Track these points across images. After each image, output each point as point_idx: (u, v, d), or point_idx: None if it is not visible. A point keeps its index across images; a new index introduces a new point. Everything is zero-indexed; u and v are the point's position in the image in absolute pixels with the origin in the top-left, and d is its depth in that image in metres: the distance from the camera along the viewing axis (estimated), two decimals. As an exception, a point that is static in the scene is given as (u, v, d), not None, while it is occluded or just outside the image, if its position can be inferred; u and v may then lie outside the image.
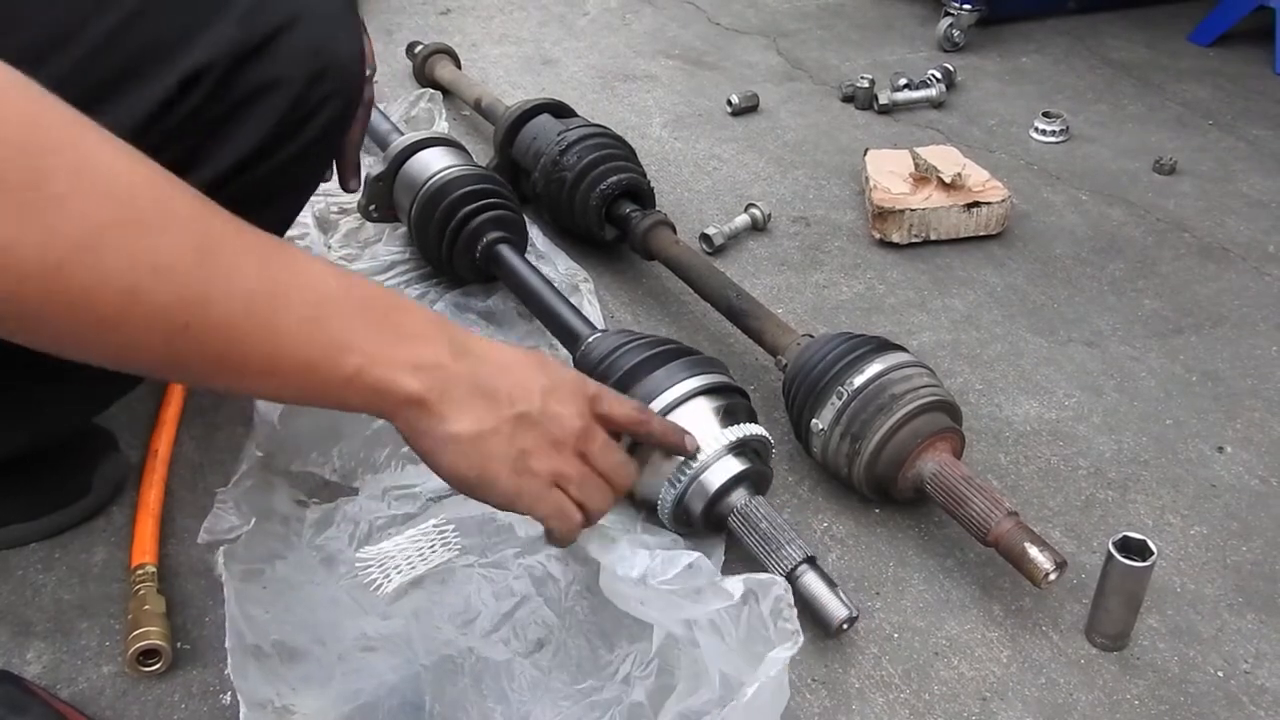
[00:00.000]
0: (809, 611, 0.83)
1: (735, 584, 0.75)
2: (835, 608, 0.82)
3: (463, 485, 0.71)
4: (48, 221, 0.50)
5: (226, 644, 0.76)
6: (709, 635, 0.75)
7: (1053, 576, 0.83)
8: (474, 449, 0.69)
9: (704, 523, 0.88)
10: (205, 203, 0.58)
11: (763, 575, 0.75)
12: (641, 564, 0.78)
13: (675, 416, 0.88)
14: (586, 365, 0.96)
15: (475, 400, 0.70)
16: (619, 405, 0.80)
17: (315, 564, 0.89)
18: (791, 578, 0.83)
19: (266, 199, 0.80)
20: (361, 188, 1.27)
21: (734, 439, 0.88)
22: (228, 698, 0.80)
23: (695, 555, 0.78)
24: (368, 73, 0.95)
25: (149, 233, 0.55)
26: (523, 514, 0.74)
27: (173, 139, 0.72)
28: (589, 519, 0.77)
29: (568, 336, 1.05)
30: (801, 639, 0.71)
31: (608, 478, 0.77)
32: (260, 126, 0.76)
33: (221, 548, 0.84)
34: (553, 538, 0.77)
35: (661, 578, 0.77)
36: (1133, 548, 0.82)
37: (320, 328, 0.63)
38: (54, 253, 0.51)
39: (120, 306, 0.54)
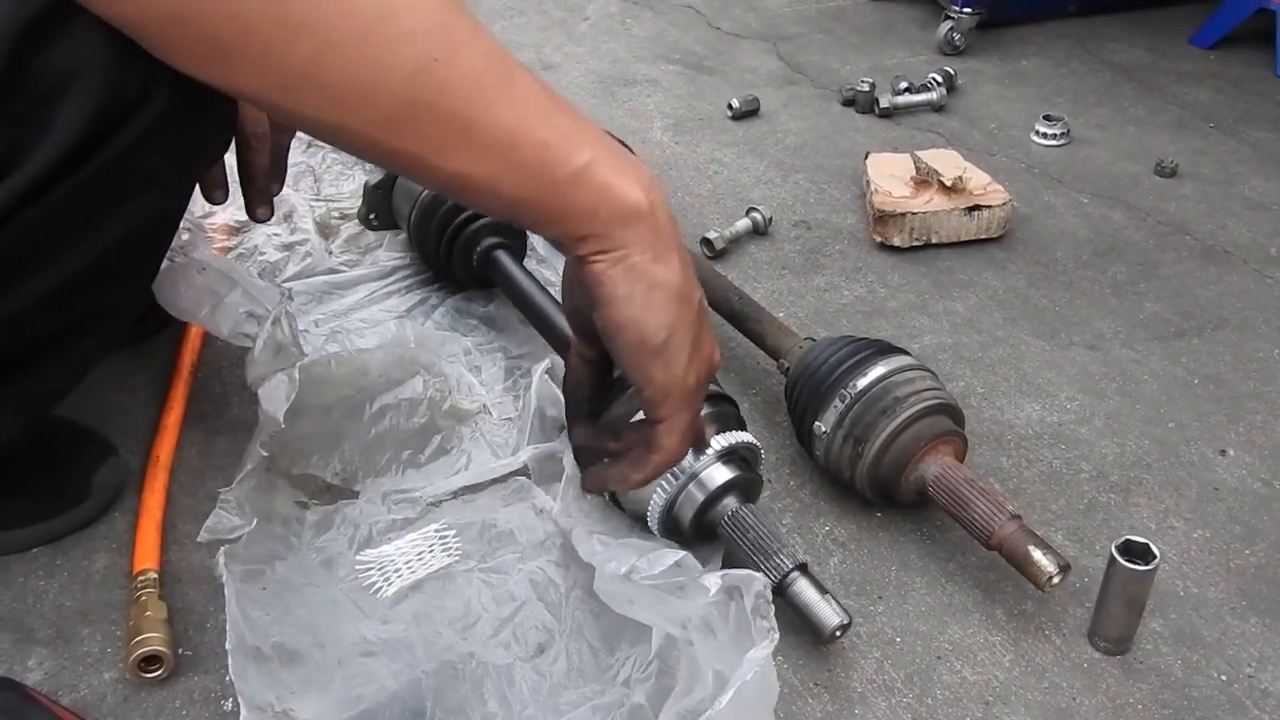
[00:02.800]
0: (802, 619, 0.82)
1: (713, 579, 0.74)
2: (827, 615, 0.82)
3: (644, 340, 0.64)
4: None
5: (227, 645, 0.76)
6: (702, 634, 0.75)
7: (1056, 580, 0.83)
8: (674, 307, 0.64)
9: (694, 531, 0.88)
10: None
11: (742, 572, 0.75)
12: (629, 561, 0.78)
13: None
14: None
15: (682, 259, 0.65)
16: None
17: (315, 566, 0.89)
18: (783, 585, 0.83)
19: (90, 219, 0.71)
20: (362, 196, 1.28)
21: (722, 446, 0.88)
22: (229, 704, 0.80)
23: (682, 554, 0.77)
24: None
25: None
26: (665, 412, 0.68)
27: None
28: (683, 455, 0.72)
29: (562, 343, 1.04)
30: (776, 636, 0.70)
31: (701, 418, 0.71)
32: (64, 128, 0.65)
33: (222, 548, 0.84)
34: (660, 454, 0.71)
35: (647, 574, 0.76)
36: (1135, 551, 0.82)
37: (555, 115, 0.60)
38: None
39: (377, 16, 0.53)
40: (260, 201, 1.02)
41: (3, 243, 0.68)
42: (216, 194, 1.00)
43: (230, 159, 0.97)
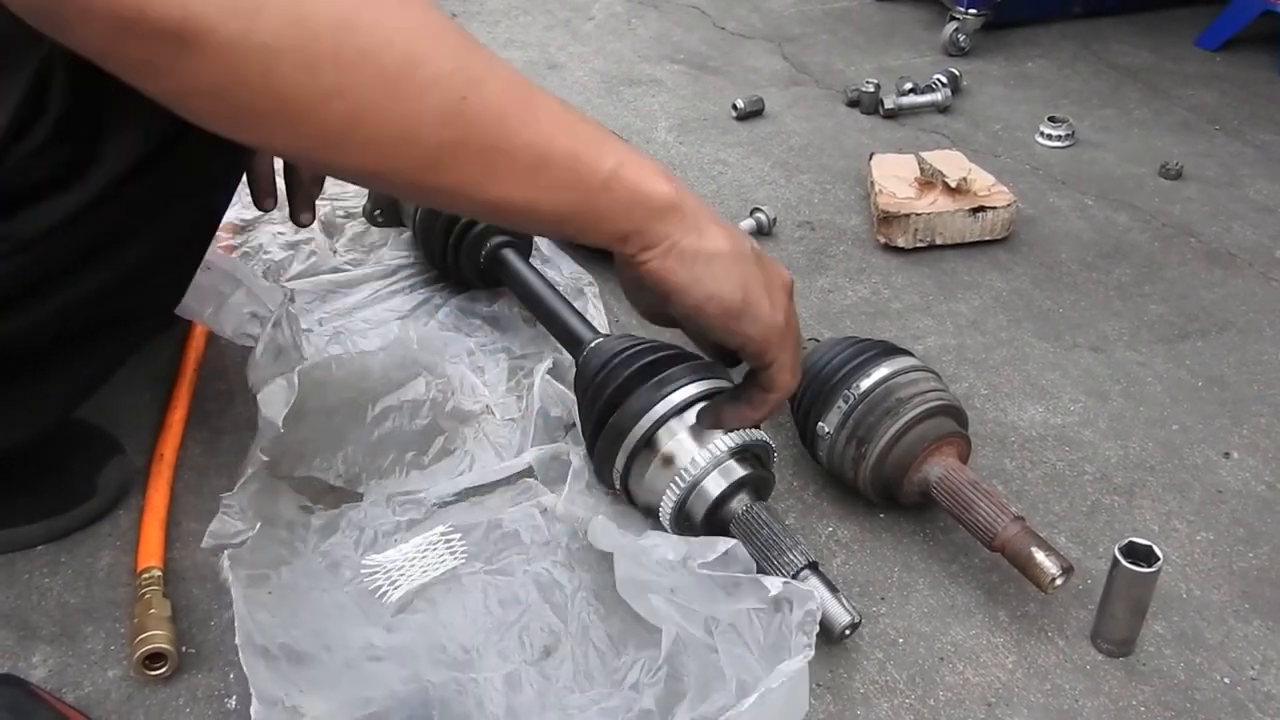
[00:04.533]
0: (812, 617, 0.83)
1: (775, 583, 0.75)
2: (838, 613, 0.82)
3: (727, 307, 0.68)
4: None
5: (237, 640, 0.76)
6: (729, 640, 0.75)
7: (1059, 582, 0.83)
8: (736, 267, 0.67)
9: (706, 529, 0.88)
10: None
11: (801, 585, 0.75)
12: (680, 549, 0.78)
13: (677, 422, 0.88)
14: (588, 370, 0.96)
15: (718, 225, 0.68)
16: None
17: (321, 570, 0.89)
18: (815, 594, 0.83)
19: (148, 221, 0.74)
20: (368, 193, 1.28)
21: (735, 444, 0.88)
22: (233, 702, 0.80)
23: (733, 542, 0.78)
24: None
25: (421, 6, 0.56)
26: (769, 357, 0.72)
27: None
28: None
29: (570, 341, 1.05)
30: (812, 654, 0.71)
31: (798, 339, 0.75)
32: (129, 136, 0.68)
33: (226, 552, 0.84)
34: (776, 392, 0.75)
35: (703, 559, 0.76)
36: (1139, 553, 0.82)
37: (575, 126, 0.63)
38: (345, 8, 0.52)
39: (404, 69, 0.55)
40: (304, 207, 1.07)
41: (70, 239, 0.70)
42: (267, 201, 1.04)
43: (277, 165, 1.03)
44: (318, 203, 1.36)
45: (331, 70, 0.53)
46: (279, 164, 1.05)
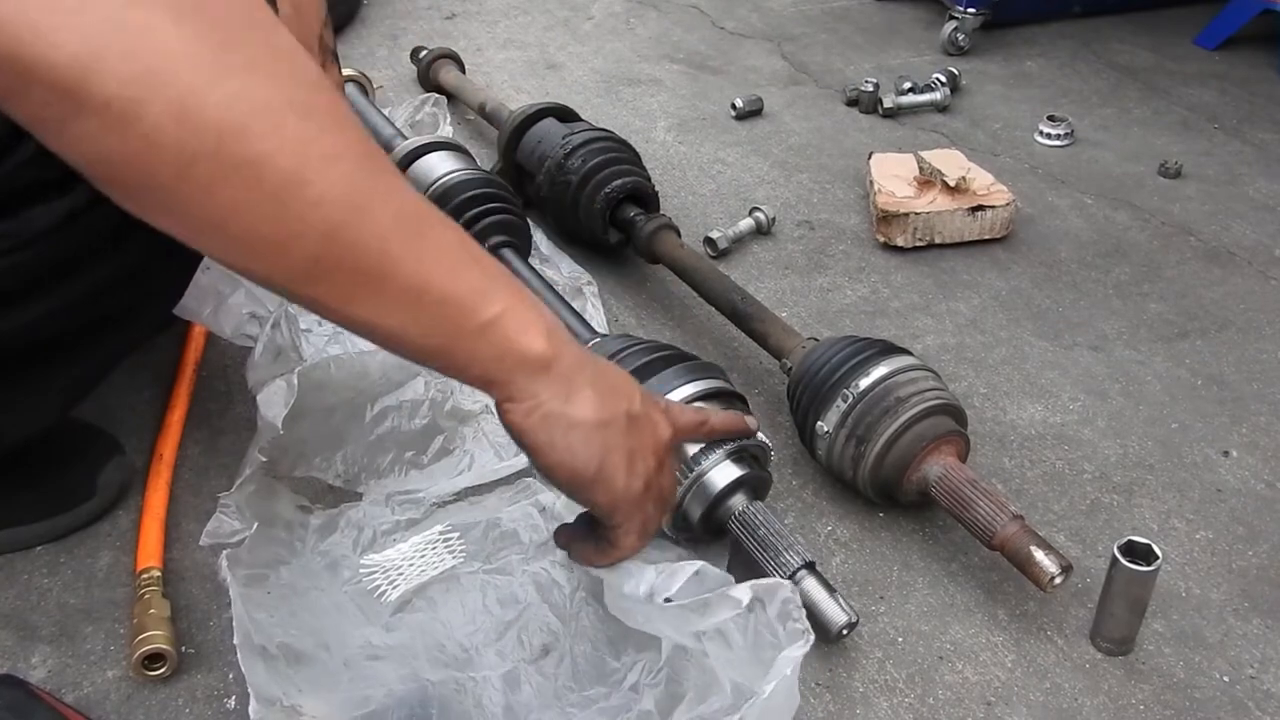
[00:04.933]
0: (809, 617, 0.82)
1: (743, 590, 0.75)
2: (834, 613, 0.82)
3: (575, 477, 0.68)
4: (239, 84, 0.51)
5: (235, 640, 0.76)
6: (717, 645, 0.75)
7: (1058, 580, 0.83)
8: (597, 437, 0.67)
9: (703, 528, 0.88)
10: (369, 135, 0.60)
11: (768, 580, 0.75)
12: (648, 580, 0.78)
13: None
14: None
15: (596, 386, 0.67)
16: (685, 414, 0.80)
17: (319, 569, 0.89)
18: (791, 583, 0.83)
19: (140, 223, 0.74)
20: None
21: (732, 444, 0.88)
22: (232, 702, 0.80)
23: (699, 564, 0.77)
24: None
25: (327, 125, 0.56)
26: (616, 521, 0.72)
27: None
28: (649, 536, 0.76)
29: (571, 340, 1.05)
30: (812, 637, 0.71)
31: (666, 494, 0.76)
32: None
33: (224, 552, 0.84)
34: (618, 551, 0.75)
35: (667, 593, 0.76)
36: (1138, 552, 0.82)
37: (466, 267, 0.62)
38: (237, 114, 0.51)
39: (286, 184, 0.54)
40: None
41: (70, 237, 0.70)
42: None
43: None
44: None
45: (208, 169, 0.52)
46: None
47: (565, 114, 1.40)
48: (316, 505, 0.95)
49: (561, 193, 1.30)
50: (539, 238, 1.31)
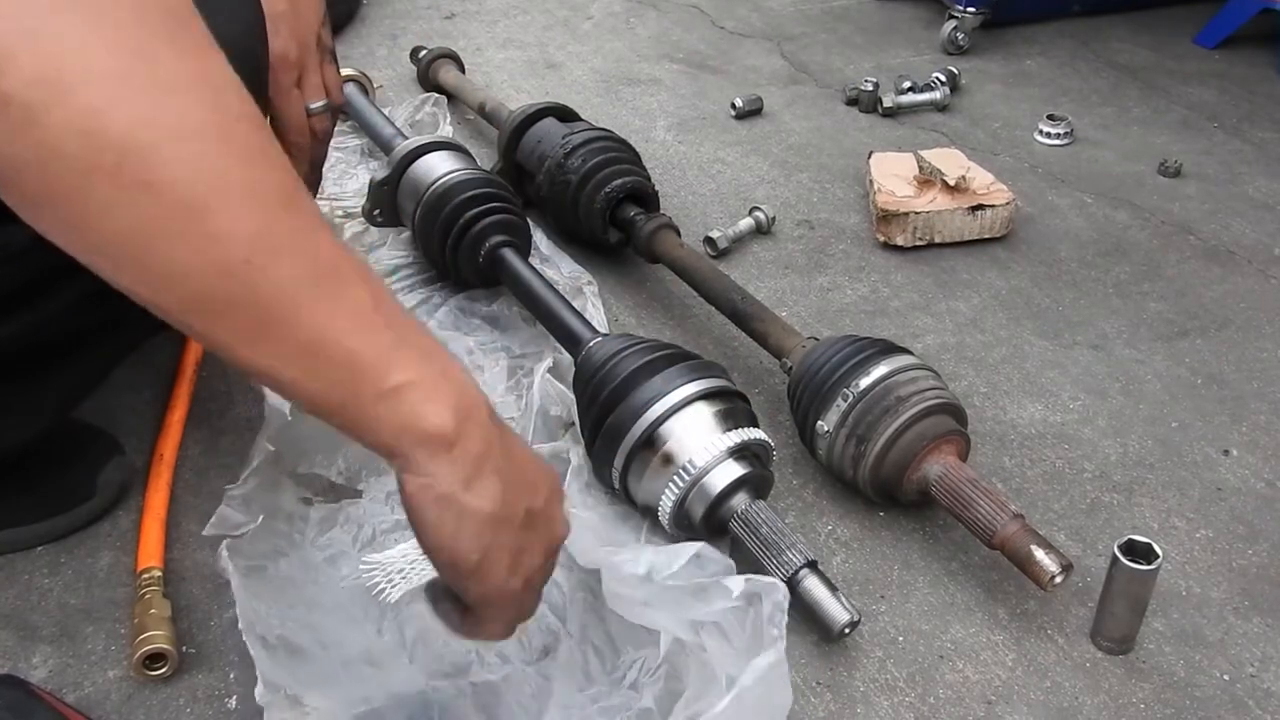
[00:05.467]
0: (811, 616, 0.83)
1: (737, 582, 0.75)
2: (837, 612, 0.82)
3: (455, 565, 0.63)
4: (151, 104, 0.49)
5: (240, 625, 0.76)
6: (714, 639, 0.75)
7: (1058, 579, 0.83)
8: (486, 531, 0.62)
9: (705, 527, 0.89)
10: (296, 176, 0.57)
11: (765, 578, 0.75)
12: (646, 561, 0.78)
13: (676, 421, 0.89)
14: (588, 369, 0.96)
15: (502, 475, 0.63)
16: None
17: (318, 563, 0.89)
18: (793, 582, 0.83)
19: None
20: (366, 192, 1.28)
21: (735, 443, 0.88)
22: (233, 701, 0.80)
23: (700, 545, 0.78)
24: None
25: (244, 158, 0.53)
26: (484, 613, 0.67)
27: None
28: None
29: (570, 340, 1.05)
30: (783, 645, 0.71)
31: (538, 585, 0.71)
32: None
33: (225, 542, 0.84)
34: (481, 634, 0.69)
35: (667, 571, 0.76)
36: (1138, 551, 0.82)
37: (376, 329, 0.59)
38: (145, 134, 0.49)
39: (188, 214, 0.51)
40: None
41: (54, 252, 0.70)
42: None
43: None
44: (318, 202, 1.37)
45: (107, 188, 0.49)
46: None
47: (565, 114, 1.40)
48: (318, 499, 0.95)
49: (561, 192, 1.30)
50: (539, 237, 1.31)
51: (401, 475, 0.61)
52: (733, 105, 1.77)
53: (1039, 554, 0.84)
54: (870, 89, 1.79)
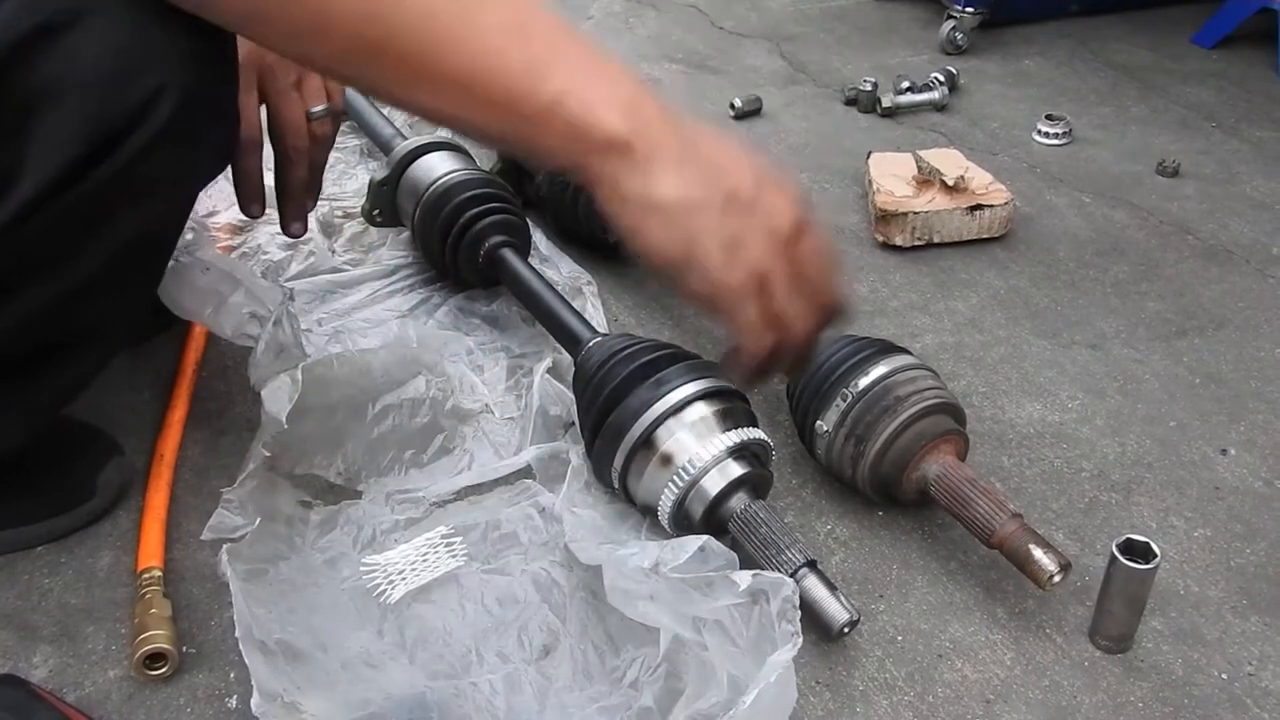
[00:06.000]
0: (810, 615, 0.83)
1: (744, 577, 0.75)
2: (836, 611, 0.82)
3: (665, 263, 0.62)
4: None
5: (237, 633, 0.76)
6: (717, 636, 0.75)
7: (1057, 579, 0.83)
8: (682, 219, 0.61)
9: (704, 527, 0.89)
10: None
11: (773, 575, 0.76)
12: (652, 554, 0.78)
13: (675, 421, 0.89)
14: (587, 369, 0.96)
15: (685, 163, 0.61)
16: (818, 230, 0.68)
17: (318, 566, 0.90)
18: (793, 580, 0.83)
19: (90, 232, 0.71)
20: (366, 193, 1.28)
21: (734, 443, 0.88)
22: (234, 701, 0.80)
23: (704, 538, 0.78)
24: (318, 110, 0.91)
25: None
26: (719, 313, 0.65)
27: None
28: (783, 346, 0.67)
29: (569, 340, 1.05)
30: (800, 640, 0.72)
31: (818, 292, 0.67)
32: (62, 145, 0.64)
33: (225, 546, 0.84)
34: (737, 359, 0.67)
35: (673, 563, 0.77)
36: (1136, 550, 0.82)
37: (521, 43, 0.59)
38: None
39: None
40: (296, 216, 1.05)
41: (2, 255, 0.69)
42: (253, 208, 1.02)
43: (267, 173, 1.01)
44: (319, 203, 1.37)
45: None
46: (269, 171, 1.03)
47: (564, 114, 1.40)
48: (317, 502, 0.96)
49: (561, 192, 1.30)
50: (538, 238, 1.31)
51: (591, 188, 0.61)
52: (732, 105, 1.77)
53: (1037, 553, 0.84)
54: (869, 89, 1.79)
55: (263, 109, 0.99)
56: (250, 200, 1.02)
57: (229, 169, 1.00)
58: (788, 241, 0.65)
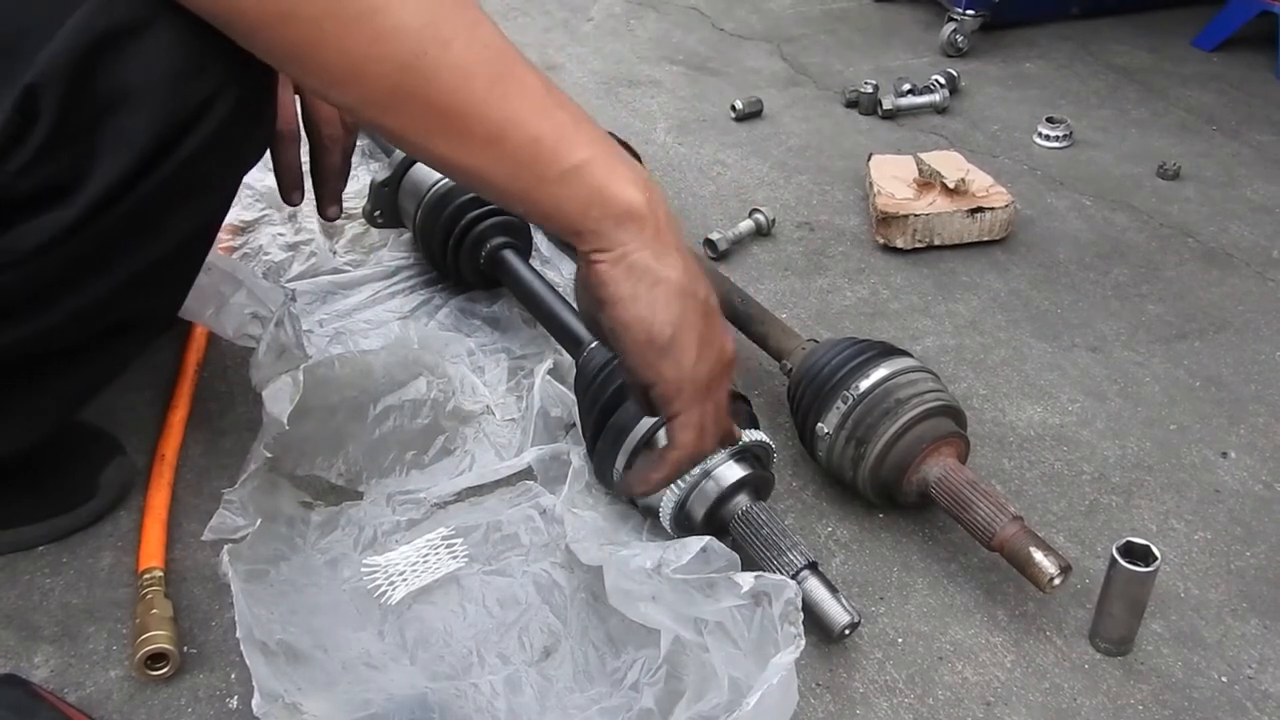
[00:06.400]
0: (811, 617, 0.83)
1: (747, 578, 0.75)
2: (837, 613, 0.82)
3: (651, 338, 0.66)
4: None
5: (238, 634, 0.76)
6: (718, 638, 0.75)
7: (1057, 581, 0.83)
8: (678, 303, 0.65)
9: (706, 528, 0.89)
10: None
11: (775, 576, 0.76)
12: (654, 555, 0.78)
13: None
14: (589, 371, 0.96)
15: (681, 254, 0.65)
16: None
17: (319, 567, 0.90)
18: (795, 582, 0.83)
19: (148, 229, 0.73)
20: (367, 194, 1.28)
21: (736, 444, 0.88)
22: (235, 701, 0.81)
23: (706, 539, 0.78)
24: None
25: None
26: (676, 407, 0.69)
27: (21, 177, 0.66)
28: (700, 455, 0.73)
29: (570, 341, 1.05)
30: (803, 643, 0.72)
31: (724, 419, 0.73)
32: (130, 145, 0.67)
33: (226, 547, 0.84)
34: (674, 451, 0.72)
35: (676, 564, 0.77)
36: (1136, 553, 0.83)
37: (551, 113, 0.62)
38: None
39: (361, 12, 0.57)
40: (331, 200, 1.07)
41: (64, 254, 0.70)
42: (294, 195, 1.05)
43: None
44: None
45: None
46: (306, 159, 1.06)
47: (565, 115, 1.40)
48: (318, 503, 0.96)
49: (562, 194, 1.30)
50: (539, 239, 1.31)
51: (589, 257, 0.64)
52: (733, 107, 1.77)
53: (1038, 556, 0.84)
54: (870, 91, 1.79)
55: (297, 100, 1.02)
56: (291, 189, 1.05)
57: (310, 169, 1.06)
58: (729, 364, 0.72)
